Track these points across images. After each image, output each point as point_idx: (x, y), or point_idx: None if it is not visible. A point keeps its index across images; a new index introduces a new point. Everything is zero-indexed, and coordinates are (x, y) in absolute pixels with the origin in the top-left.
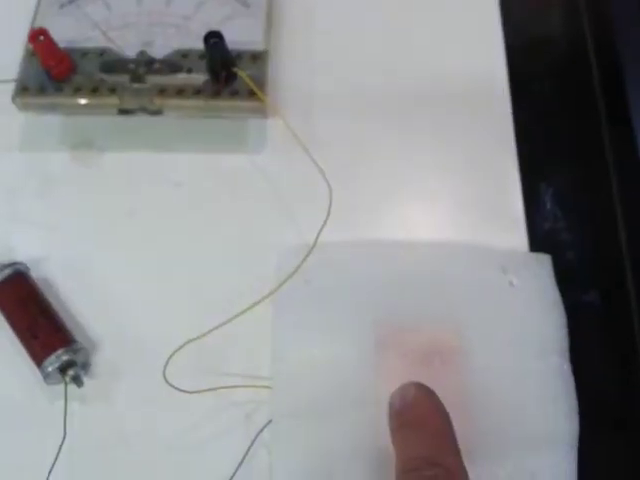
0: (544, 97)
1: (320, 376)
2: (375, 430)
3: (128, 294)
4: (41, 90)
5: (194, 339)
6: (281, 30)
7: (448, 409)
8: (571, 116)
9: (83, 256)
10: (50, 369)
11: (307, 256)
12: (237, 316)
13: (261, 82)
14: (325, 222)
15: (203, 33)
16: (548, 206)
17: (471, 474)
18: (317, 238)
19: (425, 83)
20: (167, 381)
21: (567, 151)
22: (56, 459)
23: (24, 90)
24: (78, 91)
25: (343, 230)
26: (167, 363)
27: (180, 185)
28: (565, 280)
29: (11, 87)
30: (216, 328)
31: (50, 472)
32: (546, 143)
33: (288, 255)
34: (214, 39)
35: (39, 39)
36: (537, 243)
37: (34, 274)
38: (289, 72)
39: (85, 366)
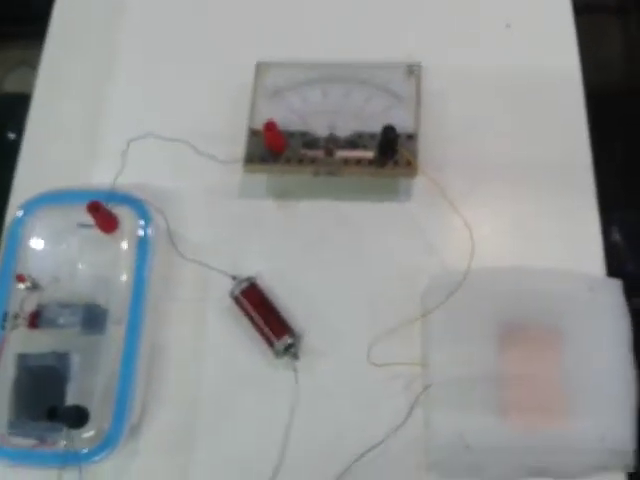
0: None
1: (460, 359)
2: (498, 396)
3: (321, 298)
4: (263, 160)
5: (389, 331)
6: (425, 114)
7: (548, 380)
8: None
9: (289, 271)
10: (280, 348)
11: (463, 280)
12: (411, 322)
13: (414, 155)
14: (472, 254)
15: (372, 120)
16: (619, 241)
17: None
18: (469, 266)
19: (530, 151)
20: (368, 357)
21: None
22: (294, 407)
23: (251, 160)
24: (288, 162)
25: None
26: (371, 346)
27: (350, 223)
28: (630, 296)
29: (224, 151)
30: (402, 326)
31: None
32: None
33: (438, 278)
34: (389, 130)
35: (271, 128)
36: (612, 268)
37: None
38: (430, 143)
39: (299, 347)
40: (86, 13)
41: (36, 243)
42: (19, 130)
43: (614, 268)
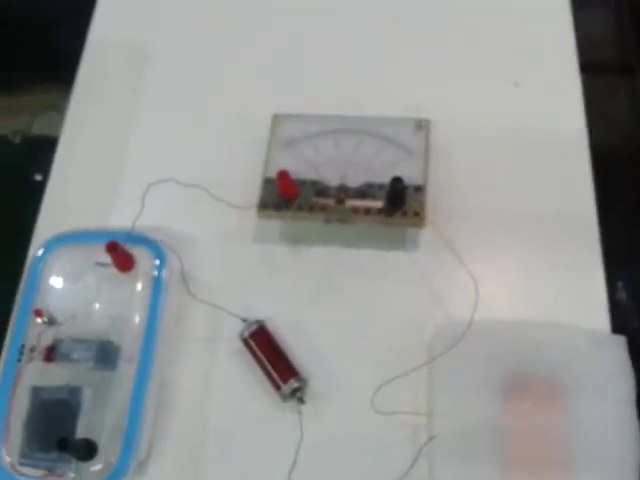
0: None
1: (464, 410)
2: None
3: (329, 343)
4: (276, 207)
5: (394, 378)
6: (433, 167)
7: (550, 435)
8: None
9: (298, 315)
10: (287, 392)
11: (466, 331)
12: (416, 370)
13: (422, 206)
14: (475, 305)
15: (382, 172)
16: (624, 298)
17: None
18: (472, 318)
19: (536, 206)
20: (373, 405)
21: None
22: (297, 451)
23: (264, 207)
24: (300, 209)
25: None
26: (376, 392)
27: (359, 270)
28: (635, 353)
29: (240, 198)
30: (408, 374)
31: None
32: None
33: (443, 328)
34: (397, 181)
35: (284, 177)
36: (616, 324)
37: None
38: (438, 195)
39: (305, 391)
40: (113, 62)
41: (55, 280)
42: (45, 172)
43: (619, 325)
